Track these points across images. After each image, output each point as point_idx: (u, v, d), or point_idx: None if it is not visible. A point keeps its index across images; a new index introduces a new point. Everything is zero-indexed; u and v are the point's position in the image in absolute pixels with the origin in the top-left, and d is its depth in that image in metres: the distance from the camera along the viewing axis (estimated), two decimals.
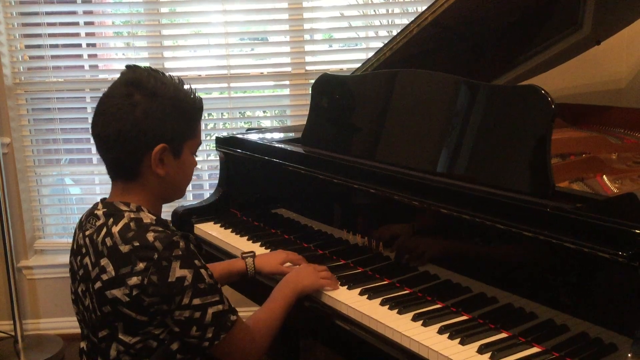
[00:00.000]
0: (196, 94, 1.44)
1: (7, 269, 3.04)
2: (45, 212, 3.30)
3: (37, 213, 3.26)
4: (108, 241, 1.32)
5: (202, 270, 1.33)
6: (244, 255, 1.81)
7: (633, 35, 2.67)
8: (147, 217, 1.36)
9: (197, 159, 1.50)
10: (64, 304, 3.22)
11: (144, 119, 1.33)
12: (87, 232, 1.38)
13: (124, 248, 1.30)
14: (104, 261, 1.31)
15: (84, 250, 1.38)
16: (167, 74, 1.41)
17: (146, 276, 1.27)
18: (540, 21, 2.23)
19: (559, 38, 2.32)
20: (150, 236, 1.30)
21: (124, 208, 1.37)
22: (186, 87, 1.42)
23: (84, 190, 3.47)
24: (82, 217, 1.46)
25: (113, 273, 1.29)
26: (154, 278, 1.27)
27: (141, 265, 1.28)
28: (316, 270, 1.66)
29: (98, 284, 1.32)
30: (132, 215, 1.35)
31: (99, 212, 1.39)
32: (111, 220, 1.35)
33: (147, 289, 1.27)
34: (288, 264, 1.78)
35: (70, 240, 1.48)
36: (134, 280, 1.27)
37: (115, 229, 1.33)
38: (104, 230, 1.34)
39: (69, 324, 3.20)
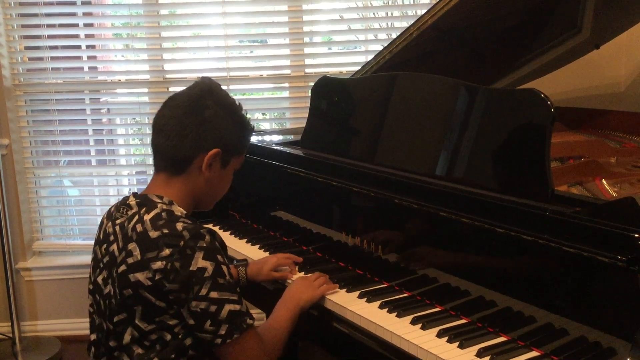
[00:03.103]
0: (250, 119, 1.57)
1: (5, 270, 3.03)
2: (44, 213, 3.30)
3: (36, 214, 3.26)
4: (139, 227, 1.37)
5: (224, 267, 1.36)
6: (237, 263, 1.84)
7: (632, 40, 2.68)
8: (178, 210, 1.42)
9: None
10: (62, 306, 3.22)
11: (211, 121, 1.44)
12: (118, 221, 1.43)
13: (153, 234, 1.35)
14: (131, 245, 1.36)
15: (112, 238, 1.42)
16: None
17: (170, 262, 1.31)
18: (539, 25, 2.24)
19: (559, 42, 2.32)
20: (179, 225, 1.35)
21: (157, 200, 1.43)
22: (244, 111, 1.55)
23: (83, 191, 3.47)
24: (111, 208, 1.51)
25: (139, 257, 1.34)
26: (176, 264, 1.31)
27: (167, 251, 1.32)
28: (311, 281, 1.66)
29: (122, 267, 1.36)
30: (165, 207, 1.41)
31: (132, 203, 1.45)
32: (144, 209, 1.41)
33: (168, 275, 1.31)
34: (286, 267, 1.80)
35: (69, 241, 1.50)
36: (157, 264, 1.32)
37: (147, 217, 1.38)
38: (136, 217, 1.40)
39: (67, 326, 3.21)
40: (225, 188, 1.59)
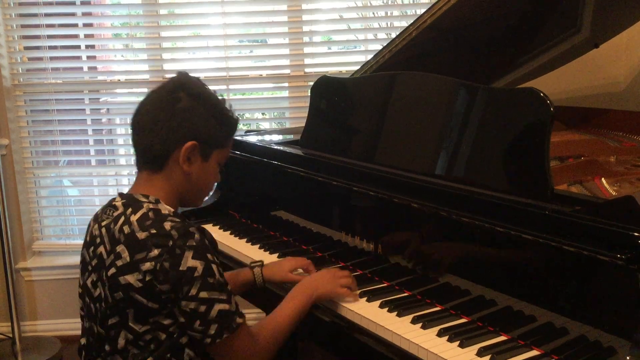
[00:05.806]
0: (235, 112, 1.54)
1: (5, 270, 3.03)
2: (44, 213, 3.30)
3: (36, 214, 3.26)
4: (126, 229, 1.35)
5: (214, 266, 1.35)
6: (252, 264, 1.77)
7: (631, 39, 2.67)
8: (165, 209, 1.40)
9: None
10: (62, 306, 3.22)
11: (183, 113, 1.41)
12: (104, 223, 1.41)
13: (141, 235, 1.33)
14: (119, 247, 1.34)
15: (98, 240, 1.41)
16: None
17: (159, 262, 1.30)
18: (539, 24, 2.24)
19: (558, 41, 2.32)
20: (167, 225, 1.33)
21: (143, 199, 1.41)
22: (227, 104, 1.52)
23: (82, 191, 3.47)
24: (97, 211, 1.49)
25: (128, 259, 1.32)
26: (166, 265, 1.30)
27: (155, 252, 1.31)
28: (336, 276, 1.61)
29: (112, 270, 1.34)
30: (151, 206, 1.38)
31: (117, 203, 1.42)
32: (130, 209, 1.38)
33: (158, 275, 1.30)
34: (300, 270, 1.74)
35: (69, 241, 1.50)
36: (147, 265, 1.30)
37: (134, 218, 1.36)
38: (122, 219, 1.38)
39: (67, 326, 3.20)
40: (211, 183, 1.54)
